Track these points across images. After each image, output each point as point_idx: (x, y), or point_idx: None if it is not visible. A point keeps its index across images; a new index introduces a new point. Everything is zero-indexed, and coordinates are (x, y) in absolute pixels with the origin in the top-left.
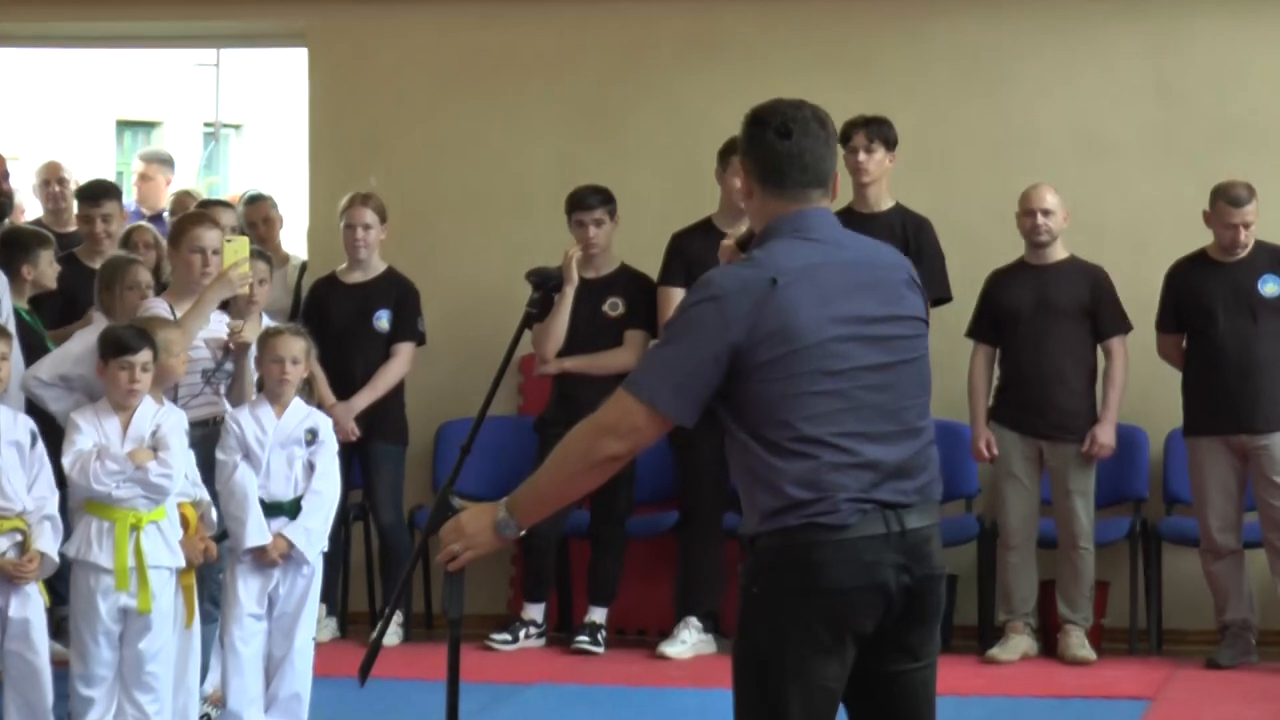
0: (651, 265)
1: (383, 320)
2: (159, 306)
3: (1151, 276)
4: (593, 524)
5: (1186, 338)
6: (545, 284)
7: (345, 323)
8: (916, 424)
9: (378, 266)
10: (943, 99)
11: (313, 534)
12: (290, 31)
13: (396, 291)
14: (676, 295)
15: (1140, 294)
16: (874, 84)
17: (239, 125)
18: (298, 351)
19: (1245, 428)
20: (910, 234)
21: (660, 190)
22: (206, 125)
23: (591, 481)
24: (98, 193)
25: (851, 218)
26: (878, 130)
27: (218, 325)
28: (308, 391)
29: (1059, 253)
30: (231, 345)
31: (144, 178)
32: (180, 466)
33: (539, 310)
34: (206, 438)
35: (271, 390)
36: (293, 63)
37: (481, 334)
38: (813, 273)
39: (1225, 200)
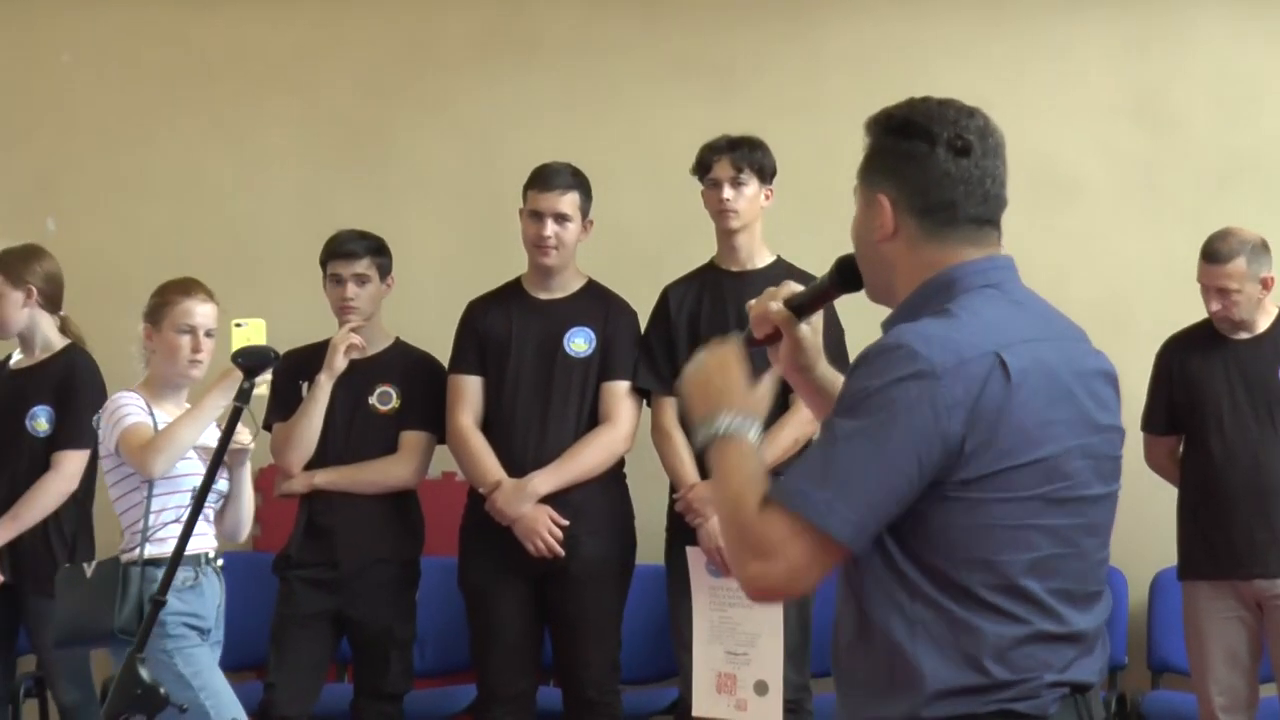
0: (435, 343)
1: (39, 419)
2: (130, 403)
3: (1134, 359)
4: (357, 701)
5: (1184, 443)
6: (259, 368)
7: None
8: (1105, 582)
9: (50, 344)
10: (840, 120)
11: None
12: None
13: (62, 379)
14: (472, 385)
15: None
16: (742, 97)
17: None
18: None
19: (1259, 570)
20: None
21: (447, 242)
22: None
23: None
24: None
25: (715, 279)
26: (748, 156)
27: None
28: None
29: None
30: (235, 449)
31: None
32: None
33: (281, 403)
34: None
35: None
36: None
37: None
38: (1037, 352)
39: (1202, 256)
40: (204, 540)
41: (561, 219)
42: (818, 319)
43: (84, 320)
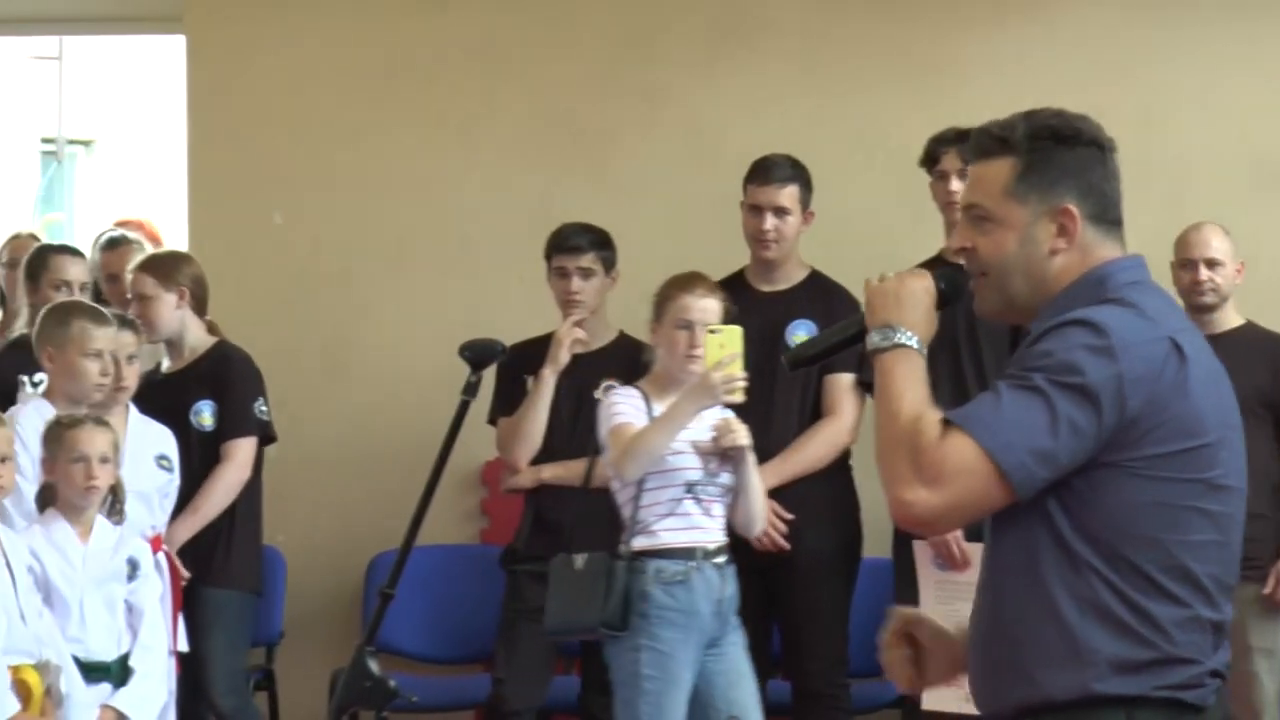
0: None
1: (204, 414)
2: (623, 401)
3: None
4: (584, 694)
5: None
6: (485, 361)
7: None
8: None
9: (199, 344)
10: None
11: (149, 702)
12: (162, 12)
13: (218, 373)
14: None
15: None
16: (967, 91)
17: (89, 141)
18: (105, 447)
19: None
20: None
21: (671, 235)
22: (45, 141)
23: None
24: None
25: None
26: None
27: (698, 426)
28: (109, 505)
29: (1230, 319)
30: (727, 449)
31: None
32: (0, 615)
33: (505, 398)
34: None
35: (70, 502)
36: (167, 55)
37: (427, 432)
38: (1195, 342)
39: None
40: (701, 534)
41: (781, 212)
42: None
43: (307, 313)
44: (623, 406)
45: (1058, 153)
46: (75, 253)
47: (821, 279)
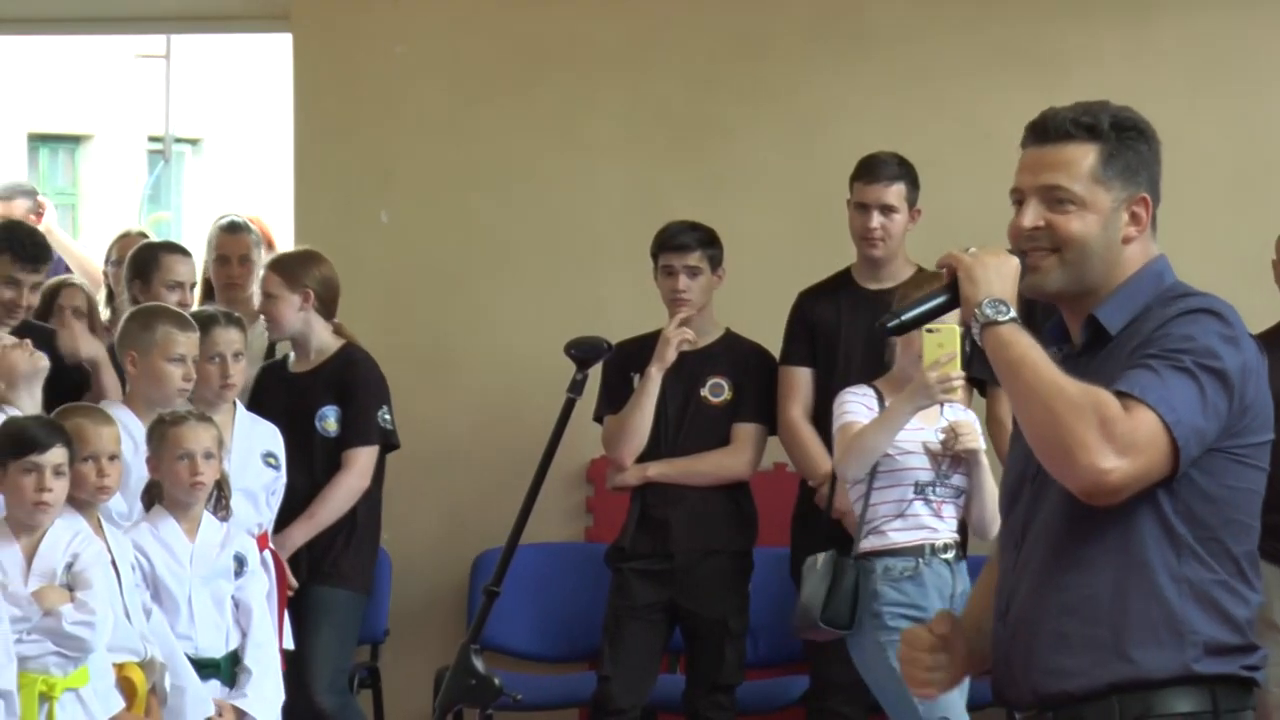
0: (764, 334)
1: (329, 420)
2: (853, 400)
3: None
4: (689, 692)
5: None
6: (591, 359)
7: (281, 427)
8: None
9: (325, 346)
10: (1169, 110)
11: (270, 702)
12: (269, 10)
13: (343, 378)
14: (801, 378)
15: None
16: (1070, 85)
17: (196, 140)
18: (209, 443)
19: None
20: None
21: (778, 233)
22: (152, 140)
23: (1042, 443)
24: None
25: None
26: None
27: (921, 427)
28: (215, 501)
29: None
30: (960, 452)
31: None
32: (107, 612)
33: (612, 396)
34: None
35: (177, 499)
36: (273, 53)
37: (533, 430)
38: None
39: None
40: (930, 533)
41: (888, 210)
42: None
43: (412, 311)
44: (852, 405)
45: (1139, 145)
46: (185, 252)
47: (929, 276)
